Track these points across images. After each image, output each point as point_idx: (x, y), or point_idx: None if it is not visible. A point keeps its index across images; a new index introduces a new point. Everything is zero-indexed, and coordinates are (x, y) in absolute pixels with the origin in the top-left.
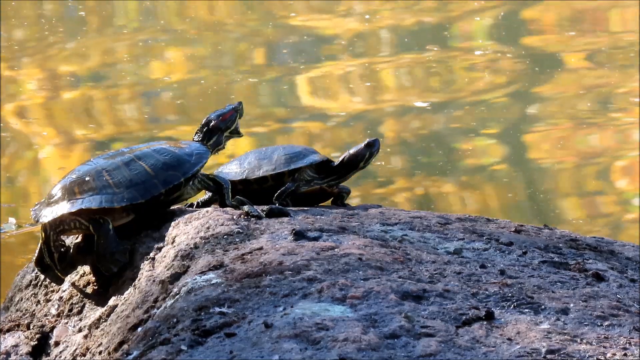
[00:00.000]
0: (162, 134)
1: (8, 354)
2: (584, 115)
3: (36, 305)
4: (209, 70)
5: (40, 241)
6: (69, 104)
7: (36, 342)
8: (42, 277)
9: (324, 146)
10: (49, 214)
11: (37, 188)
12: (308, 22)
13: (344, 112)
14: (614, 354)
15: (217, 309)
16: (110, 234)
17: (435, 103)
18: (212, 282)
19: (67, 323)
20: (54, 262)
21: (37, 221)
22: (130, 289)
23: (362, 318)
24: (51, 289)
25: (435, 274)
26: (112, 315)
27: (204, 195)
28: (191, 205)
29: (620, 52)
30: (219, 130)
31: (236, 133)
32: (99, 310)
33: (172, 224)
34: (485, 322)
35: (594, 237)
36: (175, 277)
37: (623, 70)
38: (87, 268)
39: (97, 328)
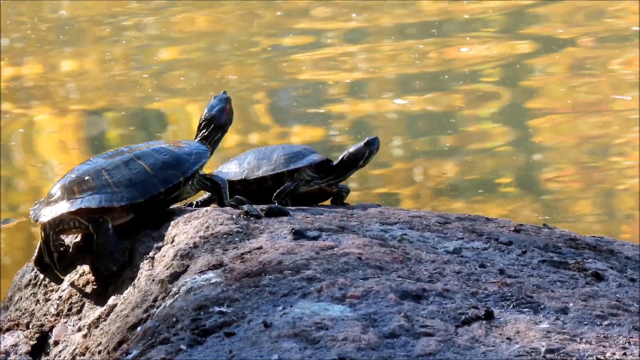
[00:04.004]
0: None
1: (7, 353)
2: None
3: (35, 304)
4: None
5: (40, 240)
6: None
7: (35, 342)
8: (41, 276)
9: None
10: (48, 214)
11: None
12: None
13: None
14: (614, 354)
15: (217, 309)
16: (109, 233)
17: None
18: (212, 281)
19: (66, 322)
20: (53, 261)
21: (37, 220)
22: (130, 289)
23: (361, 317)
24: (50, 288)
25: (435, 273)
26: (111, 314)
27: (204, 194)
28: (190, 204)
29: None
30: (225, 126)
31: None
32: (99, 310)
33: (172, 223)
34: (484, 322)
35: (594, 237)
36: (174, 277)
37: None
38: (86, 267)
39: (96, 327)
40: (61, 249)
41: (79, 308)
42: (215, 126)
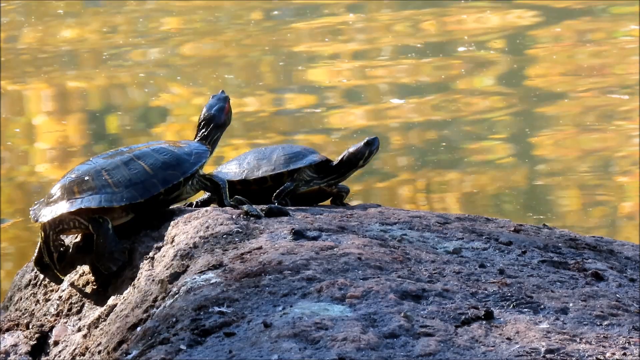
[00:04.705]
0: None
1: (7, 353)
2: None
3: (35, 304)
4: None
5: (40, 241)
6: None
7: (35, 342)
8: (41, 276)
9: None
10: (48, 214)
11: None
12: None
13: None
14: (613, 354)
15: (217, 309)
16: (109, 234)
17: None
18: (212, 281)
19: (66, 322)
20: (53, 261)
21: (37, 220)
22: (130, 289)
23: (361, 317)
24: (50, 288)
25: (435, 273)
26: (111, 314)
27: (204, 194)
28: (190, 204)
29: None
30: (224, 125)
31: None
32: (98, 310)
33: (172, 223)
34: (484, 322)
35: (593, 237)
36: (174, 277)
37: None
38: (86, 267)
39: (96, 327)
40: (61, 249)
41: (78, 308)
42: (214, 125)
